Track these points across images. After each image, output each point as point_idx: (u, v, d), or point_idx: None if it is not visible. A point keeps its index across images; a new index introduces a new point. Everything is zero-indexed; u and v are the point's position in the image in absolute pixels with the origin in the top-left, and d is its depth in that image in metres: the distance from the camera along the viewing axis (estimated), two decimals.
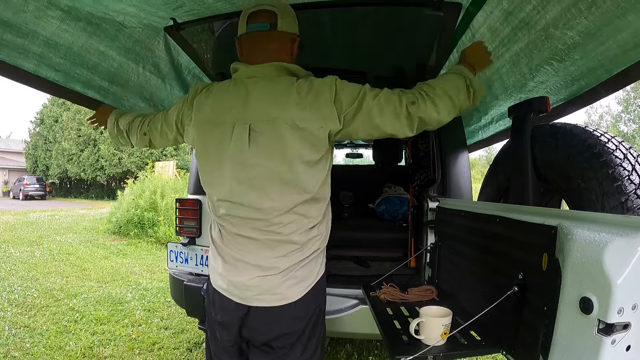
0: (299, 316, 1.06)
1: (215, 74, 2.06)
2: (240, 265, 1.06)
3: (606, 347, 0.64)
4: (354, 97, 1.01)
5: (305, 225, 1.05)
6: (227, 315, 1.08)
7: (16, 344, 2.60)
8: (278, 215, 1.02)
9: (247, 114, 1.02)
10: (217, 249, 1.12)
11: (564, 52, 1.40)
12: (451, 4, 1.32)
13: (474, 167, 21.73)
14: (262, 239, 1.04)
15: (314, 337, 1.11)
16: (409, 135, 1.05)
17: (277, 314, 1.04)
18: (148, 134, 1.30)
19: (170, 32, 1.60)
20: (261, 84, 1.04)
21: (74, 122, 21.05)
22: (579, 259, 0.70)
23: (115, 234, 7.47)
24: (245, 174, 1.02)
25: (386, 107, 1.00)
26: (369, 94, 1.01)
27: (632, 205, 1.13)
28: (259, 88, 1.04)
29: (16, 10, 1.20)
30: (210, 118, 1.08)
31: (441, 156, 1.86)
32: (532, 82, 1.70)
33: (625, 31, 1.18)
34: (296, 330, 1.06)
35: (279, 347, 1.07)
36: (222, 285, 1.08)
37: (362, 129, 1.02)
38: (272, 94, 1.02)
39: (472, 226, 1.31)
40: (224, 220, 1.09)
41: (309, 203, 1.05)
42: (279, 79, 1.05)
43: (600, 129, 1.36)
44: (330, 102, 1.00)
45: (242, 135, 1.01)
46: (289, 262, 1.04)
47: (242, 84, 1.06)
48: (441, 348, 0.99)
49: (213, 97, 1.09)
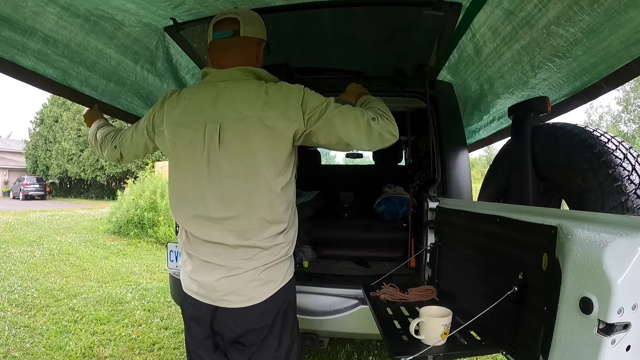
0: (266, 312, 1.09)
1: None
2: (207, 266, 1.10)
3: (606, 347, 0.64)
4: (319, 102, 1.07)
5: (273, 231, 1.08)
6: (197, 310, 1.13)
7: (16, 344, 2.59)
8: (245, 220, 1.05)
9: (218, 113, 1.07)
10: (187, 253, 1.15)
11: (566, 48, 1.40)
12: (451, 4, 1.31)
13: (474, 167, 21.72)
14: (229, 243, 1.07)
15: (286, 331, 1.13)
16: (365, 148, 1.12)
17: (243, 313, 1.08)
18: (118, 147, 1.32)
19: (170, 32, 1.60)
20: (231, 85, 1.10)
21: (74, 122, 21.05)
22: (579, 259, 0.70)
23: (115, 234, 7.47)
24: (216, 176, 1.06)
25: (348, 117, 1.06)
26: (333, 104, 1.08)
27: (632, 205, 1.13)
28: (229, 89, 1.09)
29: (15, 6, 1.20)
30: (181, 119, 1.12)
31: (441, 156, 1.86)
32: (534, 79, 1.70)
33: (626, 27, 1.18)
34: (265, 325, 1.09)
35: (251, 343, 1.10)
36: (192, 288, 1.13)
37: (323, 135, 1.08)
38: (241, 94, 1.07)
39: (472, 226, 1.31)
40: (190, 226, 1.12)
41: (275, 204, 1.07)
42: (248, 82, 1.11)
43: (600, 129, 1.36)
44: (298, 104, 1.05)
45: (213, 135, 1.06)
46: (255, 263, 1.07)
47: (213, 86, 1.12)
48: (441, 348, 0.99)
49: (184, 100, 1.14)
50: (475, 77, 1.95)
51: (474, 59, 1.76)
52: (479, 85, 2.02)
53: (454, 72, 1.98)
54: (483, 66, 1.79)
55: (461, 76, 2.00)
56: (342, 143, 1.09)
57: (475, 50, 1.69)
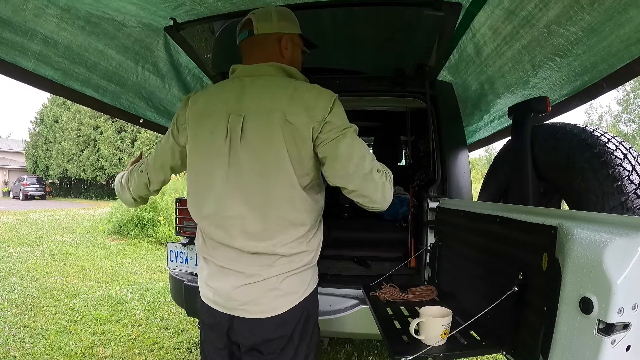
0: (286, 322, 1.05)
1: (215, 74, 2.06)
2: (223, 272, 1.05)
3: (606, 347, 0.64)
4: (343, 120, 1.01)
5: (293, 235, 1.03)
6: (214, 318, 1.08)
7: (16, 344, 2.59)
8: (261, 218, 1.00)
9: (242, 106, 1.02)
10: (203, 258, 1.11)
11: (566, 47, 1.41)
12: (451, 4, 1.31)
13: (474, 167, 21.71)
14: (244, 248, 1.01)
15: (305, 340, 1.09)
16: (350, 190, 1.00)
17: (260, 323, 1.03)
18: (145, 170, 1.23)
19: (170, 32, 1.60)
20: (259, 81, 1.05)
21: (74, 122, 21.05)
22: (579, 259, 0.70)
23: (115, 234, 7.47)
24: (235, 171, 1.00)
25: (358, 149, 0.98)
26: (354, 131, 1.01)
27: (632, 205, 1.13)
28: (256, 84, 1.05)
29: (15, 8, 1.20)
30: (204, 108, 1.07)
31: (441, 156, 1.86)
32: (535, 78, 1.70)
33: (627, 26, 1.18)
34: (284, 335, 1.05)
35: (269, 352, 1.05)
36: (208, 295, 1.09)
37: (324, 147, 0.99)
38: (268, 88, 1.03)
39: (472, 226, 1.31)
40: (205, 226, 1.07)
41: (296, 202, 1.01)
42: (276, 77, 1.07)
43: (600, 129, 1.36)
44: (325, 108, 0.99)
45: (236, 127, 1.00)
46: (275, 271, 1.02)
47: (240, 81, 1.07)
48: (441, 348, 0.99)
49: (208, 93, 1.11)
50: (476, 76, 1.95)
51: (474, 58, 1.76)
52: (480, 84, 2.03)
53: (454, 72, 1.99)
54: (483, 66, 1.79)
55: (461, 76, 2.00)
56: (334, 171, 0.99)
57: (475, 50, 1.69)
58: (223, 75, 2.03)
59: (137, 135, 19.47)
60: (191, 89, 2.18)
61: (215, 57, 1.97)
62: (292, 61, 1.14)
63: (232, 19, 1.51)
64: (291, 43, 1.13)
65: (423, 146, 2.77)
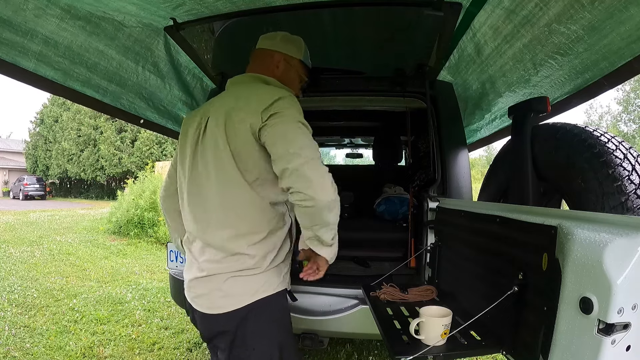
0: (228, 322, 1.05)
1: (215, 74, 2.06)
2: (190, 263, 1.14)
3: (606, 347, 0.64)
4: (289, 112, 1.02)
5: (240, 231, 1.04)
6: (190, 311, 1.17)
7: (16, 344, 2.59)
8: (218, 211, 1.06)
9: (210, 108, 1.13)
10: (187, 250, 1.20)
11: (567, 46, 1.41)
12: (451, 4, 1.32)
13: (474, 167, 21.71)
14: (201, 238, 1.09)
15: (254, 340, 1.06)
16: (286, 183, 0.97)
17: (208, 317, 1.08)
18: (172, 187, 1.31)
19: (170, 32, 1.60)
20: (232, 87, 1.18)
21: (74, 122, 21.04)
22: (579, 259, 0.70)
23: (115, 234, 7.47)
24: (192, 168, 1.12)
25: (300, 138, 0.98)
26: (302, 125, 1.02)
27: (632, 205, 1.13)
28: (230, 90, 1.18)
29: (16, 8, 1.20)
30: (192, 114, 1.21)
31: (441, 156, 1.86)
32: (536, 77, 1.70)
33: (628, 24, 1.18)
34: (228, 331, 1.05)
35: (221, 346, 1.09)
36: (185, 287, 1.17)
37: (266, 134, 1.00)
38: (235, 93, 1.13)
39: (472, 226, 1.31)
40: (180, 218, 1.20)
41: (245, 202, 1.05)
42: (250, 84, 1.16)
43: (600, 129, 1.36)
44: (267, 101, 1.01)
45: (201, 126, 1.11)
46: (220, 268, 1.04)
47: (227, 89, 1.20)
48: (441, 348, 0.99)
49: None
50: (476, 76, 1.95)
51: (474, 58, 1.76)
52: (480, 84, 2.03)
53: (454, 72, 1.99)
54: (484, 65, 1.79)
55: (462, 76, 2.00)
56: (276, 155, 0.98)
57: (476, 50, 1.69)
58: (223, 75, 2.03)
59: (137, 135, 19.47)
60: (191, 89, 2.19)
61: (215, 57, 1.97)
62: (283, 79, 1.21)
63: (232, 19, 1.51)
64: (285, 62, 1.22)
65: (423, 146, 2.77)
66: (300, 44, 1.25)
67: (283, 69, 1.21)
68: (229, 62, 2.02)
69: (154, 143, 19.14)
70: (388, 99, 2.21)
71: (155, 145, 19.17)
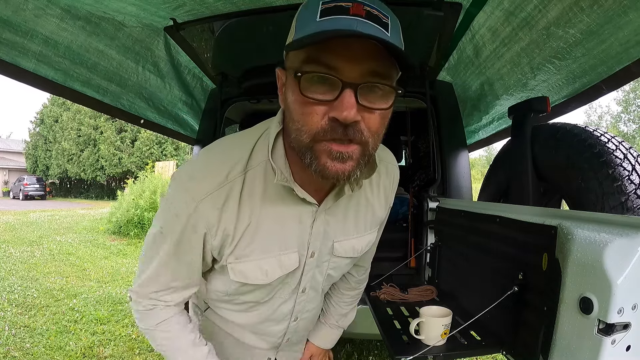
0: None
1: (215, 74, 2.06)
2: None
3: (606, 347, 0.64)
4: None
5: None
6: None
7: (16, 344, 2.59)
8: None
9: None
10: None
11: (565, 50, 1.40)
12: (451, 4, 1.32)
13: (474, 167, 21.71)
14: None
15: None
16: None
17: None
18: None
19: (170, 32, 1.60)
20: None
21: (74, 122, 21.03)
22: (579, 259, 0.70)
23: (115, 234, 7.46)
24: None
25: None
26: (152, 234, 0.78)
27: (632, 205, 1.13)
28: None
29: (15, 8, 1.20)
30: None
31: (441, 156, 1.86)
32: (533, 80, 1.70)
33: (626, 29, 1.18)
34: None
35: None
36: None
37: None
38: None
39: (472, 226, 1.31)
40: None
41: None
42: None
43: (600, 129, 1.36)
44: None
45: None
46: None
47: None
48: (441, 348, 0.98)
49: None
50: (475, 78, 1.95)
51: (473, 60, 1.76)
52: (479, 86, 2.03)
53: (453, 73, 1.99)
54: (482, 67, 1.79)
55: (461, 77, 2.00)
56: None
57: (474, 52, 1.69)
58: (223, 76, 2.03)
59: (137, 135, 19.47)
60: (191, 89, 2.18)
61: (215, 57, 1.97)
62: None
63: (232, 19, 1.51)
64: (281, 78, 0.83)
65: (423, 146, 2.77)
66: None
67: (281, 85, 0.72)
68: (229, 62, 2.02)
69: (154, 143, 19.13)
70: None
71: (155, 145, 19.17)
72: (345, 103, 0.52)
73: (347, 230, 0.80)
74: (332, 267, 0.84)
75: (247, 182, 0.67)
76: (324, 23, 0.51)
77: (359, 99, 0.53)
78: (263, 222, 0.69)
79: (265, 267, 0.72)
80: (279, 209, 0.70)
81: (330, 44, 0.52)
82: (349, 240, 0.81)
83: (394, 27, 0.55)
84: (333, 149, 0.55)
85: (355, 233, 0.82)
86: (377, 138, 0.58)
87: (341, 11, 0.51)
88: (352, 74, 0.52)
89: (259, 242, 0.70)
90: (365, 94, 0.54)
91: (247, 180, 0.67)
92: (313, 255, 0.78)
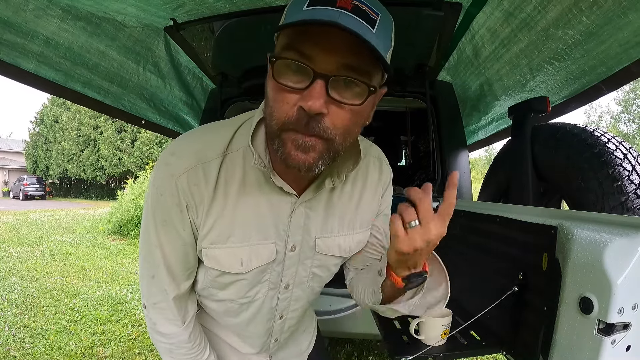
0: None
1: (215, 74, 2.06)
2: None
3: (606, 347, 0.64)
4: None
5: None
6: None
7: (16, 344, 2.60)
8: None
9: None
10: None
11: (564, 51, 1.40)
12: (451, 4, 1.32)
13: (474, 167, 21.71)
14: None
15: None
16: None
17: None
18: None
19: (171, 32, 1.60)
20: None
21: (74, 122, 21.05)
22: (579, 259, 0.70)
23: (115, 234, 7.47)
24: None
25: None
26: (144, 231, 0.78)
27: (632, 205, 1.13)
28: None
29: (16, 9, 1.20)
30: None
31: (441, 156, 1.86)
32: (532, 81, 1.70)
33: (625, 30, 1.18)
34: None
35: None
36: None
37: None
38: None
39: (472, 226, 1.31)
40: None
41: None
42: None
43: (600, 129, 1.36)
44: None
45: None
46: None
47: None
48: (441, 348, 0.99)
49: None
50: (474, 78, 1.95)
51: (472, 60, 1.76)
52: (478, 86, 2.03)
53: (453, 73, 1.99)
54: (482, 68, 1.79)
55: (460, 77, 2.01)
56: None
57: (474, 52, 1.69)
58: (223, 76, 2.03)
59: (137, 135, 19.48)
60: (191, 89, 2.19)
61: (215, 57, 1.97)
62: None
63: (232, 19, 1.51)
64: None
65: (423, 146, 2.77)
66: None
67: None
68: (229, 62, 2.02)
69: (154, 143, 19.13)
70: (388, 99, 2.21)
71: (155, 146, 19.17)
72: (313, 93, 0.51)
73: (330, 227, 0.78)
74: (317, 265, 0.81)
75: (225, 165, 0.67)
76: (307, 12, 0.51)
77: (330, 92, 0.52)
78: (239, 209, 0.68)
79: (240, 255, 0.70)
80: (256, 196, 0.68)
81: (311, 34, 0.52)
82: (334, 238, 0.79)
83: (382, 26, 0.54)
84: (297, 138, 0.55)
85: (341, 231, 0.80)
86: (346, 135, 0.57)
87: (328, 2, 0.51)
88: (327, 65, 0.52)
89: (235, 229, 0.69)
90: (338, 87, 0.53)
91: (226, 164, 0.67)
92: (294, 250, 0.75)
